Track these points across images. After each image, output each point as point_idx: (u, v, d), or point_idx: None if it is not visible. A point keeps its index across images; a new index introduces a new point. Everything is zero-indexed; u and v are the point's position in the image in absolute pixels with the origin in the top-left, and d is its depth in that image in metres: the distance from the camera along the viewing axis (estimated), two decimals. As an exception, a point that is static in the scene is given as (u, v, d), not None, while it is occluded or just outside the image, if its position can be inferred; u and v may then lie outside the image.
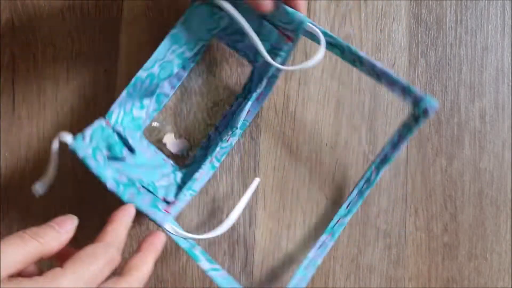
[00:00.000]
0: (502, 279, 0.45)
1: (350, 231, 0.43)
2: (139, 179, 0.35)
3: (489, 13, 0.47)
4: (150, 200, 0.34)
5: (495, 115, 0.47)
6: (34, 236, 0.26)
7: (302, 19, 0.33)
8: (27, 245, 0.25)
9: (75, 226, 0.28)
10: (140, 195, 0.34)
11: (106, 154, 0.34)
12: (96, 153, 0.34)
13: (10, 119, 0.40)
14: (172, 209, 0.36)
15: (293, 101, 0.43)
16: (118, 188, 0.33)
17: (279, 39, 0.36)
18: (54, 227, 0.27)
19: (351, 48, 0.34)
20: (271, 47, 0.37)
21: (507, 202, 0.46)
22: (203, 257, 0.35)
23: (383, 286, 0.43)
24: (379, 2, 0.46)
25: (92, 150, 0.33)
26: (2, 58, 0.40)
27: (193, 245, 0.35)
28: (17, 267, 0.24)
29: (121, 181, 0.34)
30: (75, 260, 0.25)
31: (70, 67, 0.41)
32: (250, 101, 0.38)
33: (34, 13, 0.41)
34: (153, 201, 0.34)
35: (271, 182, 0.42)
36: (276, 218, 0.42)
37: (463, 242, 0.45)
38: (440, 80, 0.46)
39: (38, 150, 0.40)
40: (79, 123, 0.40)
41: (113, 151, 0.35)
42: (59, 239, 0.27)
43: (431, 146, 0.45)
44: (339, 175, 0.43)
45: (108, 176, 0.33)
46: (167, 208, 0.35)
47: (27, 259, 0.25)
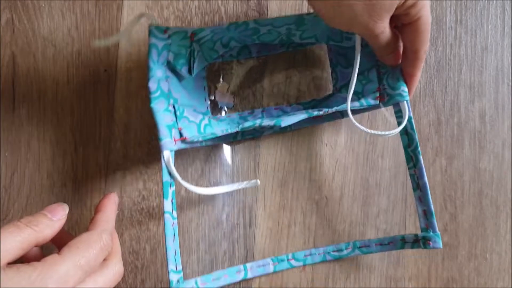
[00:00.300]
0: (502, 279, 0.45)
1: (350, 231, 0.43)
2: (175, 98, 0.35)
3: (489, 13, 0.47)
4: (170, 121, 0.34)
5: (495, 115, 0.47)
6: (28, 224, 0.27)
7: (404, 94, 0.36)
8: (22, 233, 0.26)
9: (66, 213, 0.30)
10: (166, 111, 0.34)
11: (169, 58, 0.34)
12: (163, 51, 0.34)
13: (10, 119, 0.40)
14: (179, 142, 0.35)
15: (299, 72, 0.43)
16: (155, 91, 0.33)
17: (373, 91, 0.37)
18: (46, 215, 0.28)
19: (418, 148, 0.36)
20: (361, 91, 0.38)
21: (507, 202, 0.46)
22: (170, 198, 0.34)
23: (383, 286, 0.43)
24: (379, 2, 0.45)
25: (163, 46, 0.33)
26: (2, 58, 0.40)
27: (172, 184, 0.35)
28: (15, 254, 0.25)
29: (163, 87, 0.34)
30: (71, 247, 0.27)
31: (70, 67, 0.41)
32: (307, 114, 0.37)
33: (34, 13, 0.41)
34: (171, 124, 0.34)
35: (271, 182, 0.42)
36: (276, 218, 0.42)
37: (463, 242, 0.45)
38: (440, 80, 0.46)
39: (38, 150, 0.40)
40: (79, 123, 0.40)
41: (177, 61, 0.35)
42: (52, 226, 0.28)
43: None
44: (339, 175, 0.43)
45: (156, 75, 0.33)
46: (177, 138, 0.35)
47: (23, 246, 0.26)
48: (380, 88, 0.37)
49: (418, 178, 0.37)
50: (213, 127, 0.38)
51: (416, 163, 0.37)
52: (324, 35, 0.39)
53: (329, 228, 0.43)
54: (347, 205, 0.43)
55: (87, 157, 0.40)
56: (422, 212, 0.37)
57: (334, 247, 0.40)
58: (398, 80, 0.36)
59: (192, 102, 0.38)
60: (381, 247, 0.40)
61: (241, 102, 0.42)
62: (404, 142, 0.37)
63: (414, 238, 0.38)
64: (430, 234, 0.37)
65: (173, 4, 0.42)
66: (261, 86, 0.43)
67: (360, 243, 0.40)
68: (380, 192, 0.44)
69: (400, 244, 0.39)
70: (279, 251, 0.42)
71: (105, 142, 0.40)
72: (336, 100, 0.40)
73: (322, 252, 0.41)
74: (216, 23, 0.43)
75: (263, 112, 0.42)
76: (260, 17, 0.43)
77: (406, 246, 0.39)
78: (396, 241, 0.39)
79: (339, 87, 0.41)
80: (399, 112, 0.37)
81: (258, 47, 0.41)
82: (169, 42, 0.34)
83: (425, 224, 0.37)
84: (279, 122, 0.36)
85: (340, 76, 0.41)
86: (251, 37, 0.37)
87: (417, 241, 0.38)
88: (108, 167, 0.40)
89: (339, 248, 0.40)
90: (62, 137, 0.40)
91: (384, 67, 0.37)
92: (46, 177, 0.40)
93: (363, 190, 0.44)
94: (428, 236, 0.37)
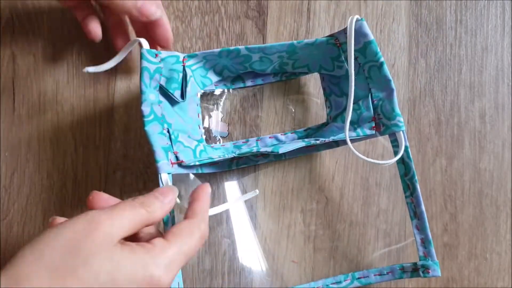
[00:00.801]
0: (502, 279, 0.45)
1: (350, 231, 0.43)
2: (169, 123, 0.35)
3: (489, 13, 0.47)
4: (165, 144, 0.34)
5: (495, 115, 0.47)
6: (142, 205, 0.27)
7: (400, 124, 0.36)
8: (137, 213, 0.27)
9: (176, 197, 0.30)
10: (161, 134, 0.34)
11: (162, 82, 0.35)
12: (154, 74, 0.34)
13: (10, 119, 0.40)
14: (176, 166, 0.35)
15: (307, 110, 0.43)
16: (149, 115, 0.33)
17: (368, 121, 0.37)
18: (158, 198, 0.29)
19: (415, 177, 0.37)
20: (357, 121, 0.38)
21: (507, 202, 0.46)
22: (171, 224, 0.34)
23: (383, 286, 0.43)
24: (379, 2, 0.46)
25: (155, 69, 0.34)
26: (2, 58, 0.40)
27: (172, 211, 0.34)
28: (128, 232, 0.26)
29: (156, 111, 0.34)
30: (176, 234, 0.27)
31: (70, 67, 0.41)
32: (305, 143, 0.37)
33: (34, 13, 0.41)
34: (167, 147, 0.35)
35: (271, 182, 0.42)
36: (276, 218, 0.42)
37: (463, 242, 0.45)
38: (440, 80, 0.46)
39: (38, 150, 0.40)
40: (79, 123, 0.40)
41: (169, 85, 0.35)
42: (163, 208, 0.28)
43: (431, 146, 0.45)
44: (339, 175, 0.43)
45: (149, 99, 0.33)
46: (173, 161, 0.35)
47: (136, 226, 0.26)
48: (375, 118, 0.37)
49: (415, 207, 0.37)
50: (209, 153, 0.39)
51: (413, 191, 0.37)
52: (316, 65, 0.39)
53: (329, 228, 0.43)
54: (347, 205, 0.43)
55: (87, 157, 0.40)
56: (420, 241, 0.37)
57: (333, 279, 0.41)
58: (393, 110, 0.36)
59: (186, 128, 0.38)
60: (380, 277, 0.40)
61: (235, 131, 0.42)
62: (401, 171, 0.37)
63: (413, 267, 0.38)
64: (429, 263, 0.37)
65: (173, 4, 0.42)
66: (255, 115, 0.43)
67: (359, 274, 0.41)
68: (380, 192, 0.44)
69: (399, 273, 0.39)
70: (279, 251, 0.42)
71: (105, 142, 0.40)
72: (331, 129, 0.39)
73: (320, 285, 0.41)
74: (216, 23, 0.43)
75: (258, 141, 0.42)
76: (260, 17, 0.43)
77: (405, 275, 0.39)
78: (395, 271, 0.40)
79: (334, 116, 0.40)
80: (395, 141, 0.37)
81: (252, 77, 0.41)
82: (161, 66, 0.34)
83: (423, 252, 0.38)
84: (277, 149, 0.36)
85: (334, 105, 0.40)
86: (243, 65, 0.37)
87: (416, 270, 0.38)
88: (108, 167, 0.40)
89: (337, 281, 0.41)
90: (62, 137, 0.40)
91: (377, 95, 0.36)
92: (46, 177, 0.40)
93: (363, 190, 0.44)
94: (427, 264, 0.37)
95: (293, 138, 0.42)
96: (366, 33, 0.35)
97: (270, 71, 0.39)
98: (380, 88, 0.36)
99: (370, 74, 0.36)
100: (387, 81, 0.35)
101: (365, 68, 0.36)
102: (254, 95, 0.43)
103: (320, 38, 0.36)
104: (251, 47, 0.36)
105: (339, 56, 0.37)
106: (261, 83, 0.41)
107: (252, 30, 0.43)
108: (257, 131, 0.42)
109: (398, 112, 0.36)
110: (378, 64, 0.35)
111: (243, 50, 0.36)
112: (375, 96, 0.37)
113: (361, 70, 0.36)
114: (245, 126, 0.42)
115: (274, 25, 0.44)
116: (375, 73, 0.36)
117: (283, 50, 0.36)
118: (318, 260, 0.42)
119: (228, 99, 0.42)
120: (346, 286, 0.40)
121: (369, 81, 0.36)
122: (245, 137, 0.42)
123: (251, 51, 0.36)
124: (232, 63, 0.37)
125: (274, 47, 0.36)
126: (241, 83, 0.41)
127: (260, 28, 0.43)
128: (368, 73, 0.36)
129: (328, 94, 0.41)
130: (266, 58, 0.37)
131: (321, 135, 0.40)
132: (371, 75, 0.36)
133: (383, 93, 0.36)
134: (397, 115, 0.36)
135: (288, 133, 0.42)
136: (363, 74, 0.36)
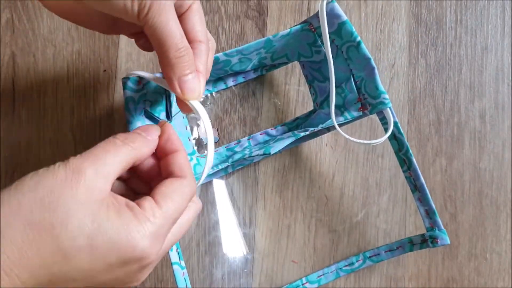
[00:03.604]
0: (502, 279, 0.45)
1: (350, 231, 0.43)
2: None
3: (489, 13, 0.47)
4: None
5: (495, 115, 0.47)
6: (125, 141, 0.25)
7: (386, 102, 0.35)
8: (122, 152, 0.25)
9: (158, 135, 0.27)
10: None
11: (146, 107, 0.34)
12: (139, 101, 0.33)
13: (10, 119, 0.40)
14: None
15: (293, 101, 0.43)
16: None
17: (354, 103, 0.37)
18: (141, 134, 0.26)
19: (409, 150, 0.36)
20: (343, 104, 0.37)
21: (507, 202, 0.46)
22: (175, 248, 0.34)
23: (383, 286, 0.43)
24: (379, 2, 0.46)
25: (139, 97, 0.33)
26: (2, 58, 0.40)
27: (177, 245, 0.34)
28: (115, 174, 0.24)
29: None
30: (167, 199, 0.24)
31: (70, 67, 0.41)
32: (295, 137, 0.37)
33: (34, 13, 0.41)
34: None
35: (271, 182, 0.42)
36: (276, 218, 0.42)
37: (463, 242, 0.45)
38: (440, 80, 0.46)
39: (38, 150, 0.40)
40: (79, 123, 0.40)
41: (154, 108, 0.34)
42: (148, 145, 0.26)
43: (431, 146, 0.45)
44: (339, 175, 0.43)
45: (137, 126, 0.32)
46: None
47: (123, 165, 0.24)
48: (360, 98, 0.36)
49: (414, 180, 0.37)
50: (203, 166, 0.38)
51: (410, 165, 0.37)
52: (295, 53, 0.38)
53: (329, 228, 0.43)
54: (347, 205, 0.43)
55: (87, 157, 0.40)
56: (425, 212, 0.37)
57: (345, 261, 0.41)
58: (376, 88, 0.35)
59: None
60: (391, 253, 0.40)
61: (225, 134, 0.42)
62: (395, 147, 0.37)
63: (421, 238, 0.39)
64: (437, 233, 0.37)
65: (173, 4, 0.42)
66: (242, 114, 0.43)
67: (370, 252, 0.41)
68: (380, 192, 0.44)
69: (408, 247, 0.39)
70: (279, 251, 0.42)
71: (105, 142, 0.40)
72: (319, 116, 0.39)
73: (334, 269, 0.41)
74: (216, 23, 0.43)
75: (249, 140, 0.42)
76: (260, 17, 0.43)
77: (415, 248, 0.39)
78: (404, 245, 0.40)
79: (320, 102, 0.40)
80: (384, 119, 0.36)
81: (233, 77, 0.41)
82: (144, 92, 0.33)
83: (429, 223, 0.38)
84: (268, 150, 0.36)
85: (318, 91, 0.40)
86: (224, 69, 0.37)
87: (425, 241, 0.38)
88: (108, 167, 0.40)
89: (350, 262, 0.41)
90: (62, 137, 0.40)
91: (358, 75, 0.36)
92: (46, 177, 0.40)
93: (363, 190, 0.44)
94: (434, 234, 0.37)
95: (284, 130, 0.42)
96: (339, 14, 0.34)
97: (250, 68, 0.39)
98: (361, 68, 0.35)
99: (349, 54, 0.35)
100: (366, 60, 0.34)
101: (343, 50, 0.35)
102: (237, 94, 0.43)
103: (294, 27, 0.35)
104: (229, 52, 0.35)
105: (316, 41, 0.36)
106: (242, 81, 0.41)
107: (252, 30, 0.43)
108: (246, 130, 0.42)
109: (382, 90, 0.35)
110: (355, 43, 0.34)
111: (221, 56, 0.35)
112: (357, 77, 0.36)
113: (339, 52, 0.36)
114: (234, 127, 0.42)
115: (274, 25, 0.44)
116: (354, 53, 0.35)
117: (260, 47, 0.36)
118: (318, 260, 0.42)
119: (212, 103, 0.42)
120: (359, 266, 0.41)
121: (349, 62, 0.36)
122: (236, 138, 0.42)
123: (229, 56, 0.35)
124: (213, 70, 0.37)
125: (251, 47, 0.35)
126: (222, 84, 0.40)
127: (260, 28, 0.43)
128: (347, 54, 0.35)
129: (311, 81, 0.40)
130: (245, 59, 0.37)
131: (310, 124, 0.40)
132: (350, 55, 0.35)
133: (364, 72, 0.35)
134: (381, 93, 0.35)
135: (278, 127, 0.42)
136: (342, 56, 0.36)
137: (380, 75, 0.44)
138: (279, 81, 0.43)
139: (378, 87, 0.35)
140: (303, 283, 0.41)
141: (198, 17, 0.28)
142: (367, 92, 0.35)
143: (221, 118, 0.42)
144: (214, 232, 0.41)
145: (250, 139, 0.42)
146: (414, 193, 0.38)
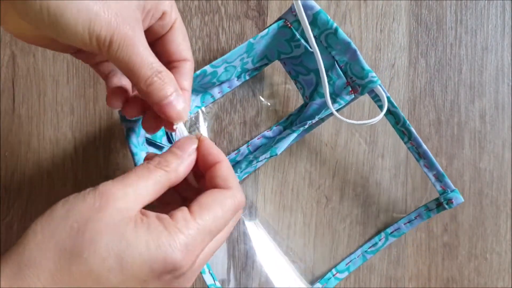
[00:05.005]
0: (502, 279, 0.45)
1: (350, 231, 0.43)
2: None
3: (489, 13, 0.47)
4: None
5: (495, 115, 0.47)
6: (158, 166, 0.24)
7: (375, 80, 0.35)
8: (155, 178, 0.24)
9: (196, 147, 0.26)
10: None
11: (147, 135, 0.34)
12: (140, 131, 0.33)
13: (10, 119, 0.40)
14: None
15: (293, 101, 0.43)
16: None
17: (344, 87, 0.37)
18: (176, 152, 0.25)
19: (406, 121, 0.37)
20: (333, 91, 0.37)
21: (507, 202, 0.46)
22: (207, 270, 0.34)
23: (383, 286, 0.43)
24: (379, 2, 0.46)
25: (139, 126, 0.33)
26: (2, 58, 0.40)
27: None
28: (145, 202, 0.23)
29: None
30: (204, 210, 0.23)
31: (70, 67, 0.41)
32: (296, 133, 0.37)
33: (34, 13, 0.41)
34: None
35: (271, 182, 0.42)
36: (276, 218, 0.42)
37: (463, 242, 0.45)
38: (440, 80, 0.46)
39: (38, 150, 0.40)
40: (79, 123, 0.40)
41: (154, 136, 0.34)
42: (183, 164, 0.25)
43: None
44: (339, 175, 0.43)
45: (141, 157, 0.32)
46: None
47: (156, 192, 0.24)
48: (349, 82, 0.37)
49: (417, 148, 0.38)
50: None
51: (410, 135, 0.37)
52: (274, 52, 0.38)
53: (329, 228, 0.43)
54: (347, 205, 0.43)
55: (87, 157, 0.40)
56: (434, 177, 0.38)
57: (369, 243, 0.42)
58: (362, 69, 0.35)
59: None
60: (410, 224, 0.41)
61: (225, 134, 0.42)
62: (392, 121, 0.38)
63: (436, 203, 0.40)
64: (450, 194, 0.38)
65: (173, 4, 0.42)
66: (242, 114, 0.43)
67: (390, 229, 0.42)
68: (380, 192, 0.44)
69: (426, 214, 0.41)
70: (279, 251, 0.42)
71: (105, 142, 0.40)
72: (311, 108, 0.39)
73: (360, 253, 0.42)
74: (216, 23, 0.43)
75: (248, 146, 0.42)
76: (260, 17, 0.43)
77: (432, 213, 0.40)
78: (421, 213, 0.41)
79: (309, 95, 0.40)
80: (376, 96, 0.36)
81: (218, 88, 0.40)
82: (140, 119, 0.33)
83: (440, 186, 0.38)
84: (275, 152, 0.36)
85: (305, 85, 0.40)
86: (211, 82, 0.37)
87: (440, 204, 0.39)
88: (108, 167, 0.40)
89: (373, 243, 0.42)
90: (62, 137, 0.40)
91: (342, 60, 0.36)
92: (46, 177, 0.40)
93: (363, 190, 0.44)
94: (448, 196, 0.38)
95: (280, 130, 0.42)
96: (312, 5, 0.34)
97: (234, 76, 0.39)
98: (343, 52, 0.35)
99: (328, 42, 0.35)
100: (346, 44, 0.35)
101: (321, 39, 0.36)
102: (225, 104, 0.42)
103: (271, 26, 0.36)
104: (215, 63, 0.35)
105: (294, 36, 0.36)
106: (228, 90, 0.40)
107: (252, 30, 0.43)
108: (243, 137, 0.42)
109: (368, 69, 0.35)
110: (332, 30, 0.35)
111: (208, 69, 0.35)
112: (340, 62, 0.36)
113: (318, 41, 0.36)
114: (230, 137, 0.42)
115: (274, 25, 0.44)
116: (333, 40, 0.35)
117: (243, 52, 0.36)
118: (318, 260, 0.42)
119: (204, 119, 0.42)
120: (382, 244, 0.42)
121: (330, 49, 0.36)
122: (245, 137, 0.42)
123: (215, 66, 0.35)
124: (200, 84, 0.37)
125: (235, 53, 0.35)
126: (210, 98, 0.40)
127: (260, 28, 0.43)
128: (326, 42, 0.36)
129: (295, 76, 0.40)
130: (230, 67, 0.37)
131: (304, 118, 0.40)
132: (330, 43, 0.36)
133: (346, 56, 0.35)
134: (368, 72, 0.35)
135: (273, 127, 0.42)
136: (322, 45, 0.36)
137: (380, 75, 0.45)
138: (279, 81, 0.43)
139: (364, 67, 0.35)
140: (334, 274, 0.41)
141: (182, 35, 0.27)
142: (354, 74, 0.36)
143: (221, 118, 0.42)
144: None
145: (249, 146, 0.42)
146: (419, 161, 0.38)
